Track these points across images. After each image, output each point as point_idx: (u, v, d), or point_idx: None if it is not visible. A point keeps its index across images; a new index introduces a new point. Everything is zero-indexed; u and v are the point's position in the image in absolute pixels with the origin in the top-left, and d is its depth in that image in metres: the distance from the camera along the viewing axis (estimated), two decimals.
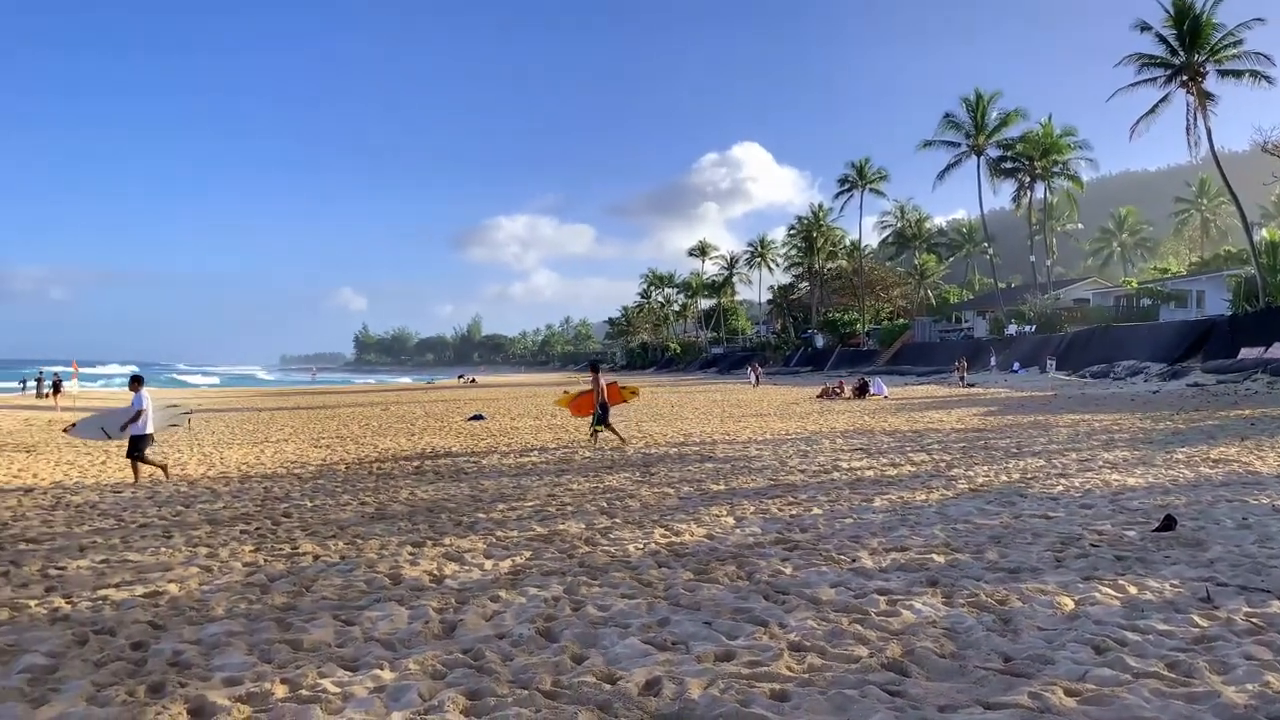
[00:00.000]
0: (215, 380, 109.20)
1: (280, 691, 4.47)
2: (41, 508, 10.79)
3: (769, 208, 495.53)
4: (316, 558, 7.75)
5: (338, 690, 4.45)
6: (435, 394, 54.79)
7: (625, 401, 20.08)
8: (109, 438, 14.90)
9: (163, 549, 8.21)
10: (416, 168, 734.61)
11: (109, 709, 4.27)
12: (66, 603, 6.34)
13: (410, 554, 7.79)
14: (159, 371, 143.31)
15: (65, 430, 16.91)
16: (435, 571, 7.11)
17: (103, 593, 6.60)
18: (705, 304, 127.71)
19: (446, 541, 8.32)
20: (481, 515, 9.76)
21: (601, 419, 17.62)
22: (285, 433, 23.53)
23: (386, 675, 4.66)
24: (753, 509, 9.71)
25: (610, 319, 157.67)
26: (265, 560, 7.68)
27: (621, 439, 18.01)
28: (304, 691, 4.46)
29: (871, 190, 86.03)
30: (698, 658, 4.81)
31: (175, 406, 18.30)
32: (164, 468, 13.73)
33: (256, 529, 9.19)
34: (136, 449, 13.22)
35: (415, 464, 15.23)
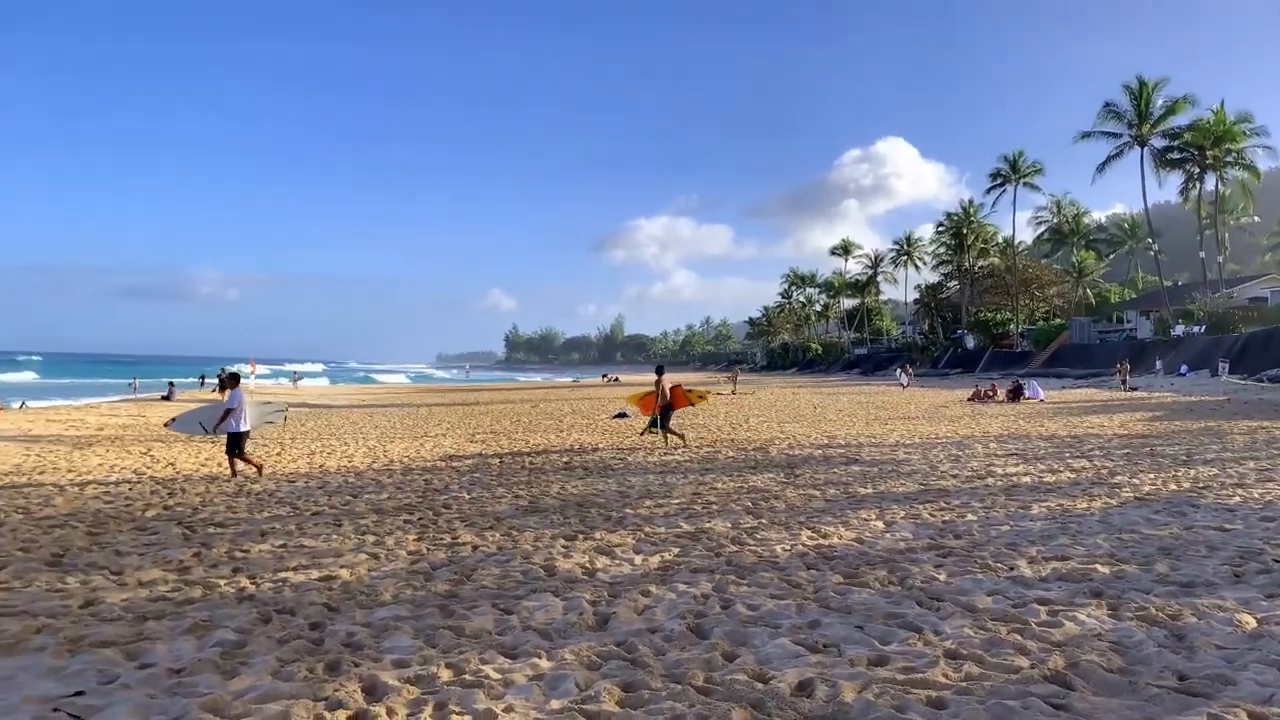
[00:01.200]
0: (402, 378, 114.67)
1: (445, 675, 4.70)
2: (226, 495, 11.67)
3: (913, 204, 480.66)
4: (475, 548, 8.10)
5: (499, 676, 4.65)
6: (581, 392, 55.87)
7: (691, 405, 20.23)
8: (206, 432, 15.37)
9: (334, 536, 8.75)
10: (560, 171, 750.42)
11: (292, 684, 4.59)
12: (251, 583, 6.84)
13: (563, 547, 8.03)
14: (339, 370, 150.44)
15: (166, 425, 17.71)
16: (587, 565, 7.30)
17: (282, 575, 7.09)
18: (848, 304, 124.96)
19: (597, 536, 8.52)
20: (629, 511, 9.93)
21: (660, 420, 18.03)
22: (443, 428, 24.52)
23: (544, 664, 4.83)
24: (903, 514, 9.51)
25: (750, 319, 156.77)
26: (428, 549, 8.07)
27: (681, 438, 18.31)
28: (467, 676, 4.68)
29: (1025, 184, 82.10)
30: (850, 661, 4.77)
31: (270, 404, 18.77)
32: (259, 467, 13.82)
33: (419, 519, 9.66)
34: (235, 445, 13.46)
35: (564, 459, 15.60)
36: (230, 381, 13.81)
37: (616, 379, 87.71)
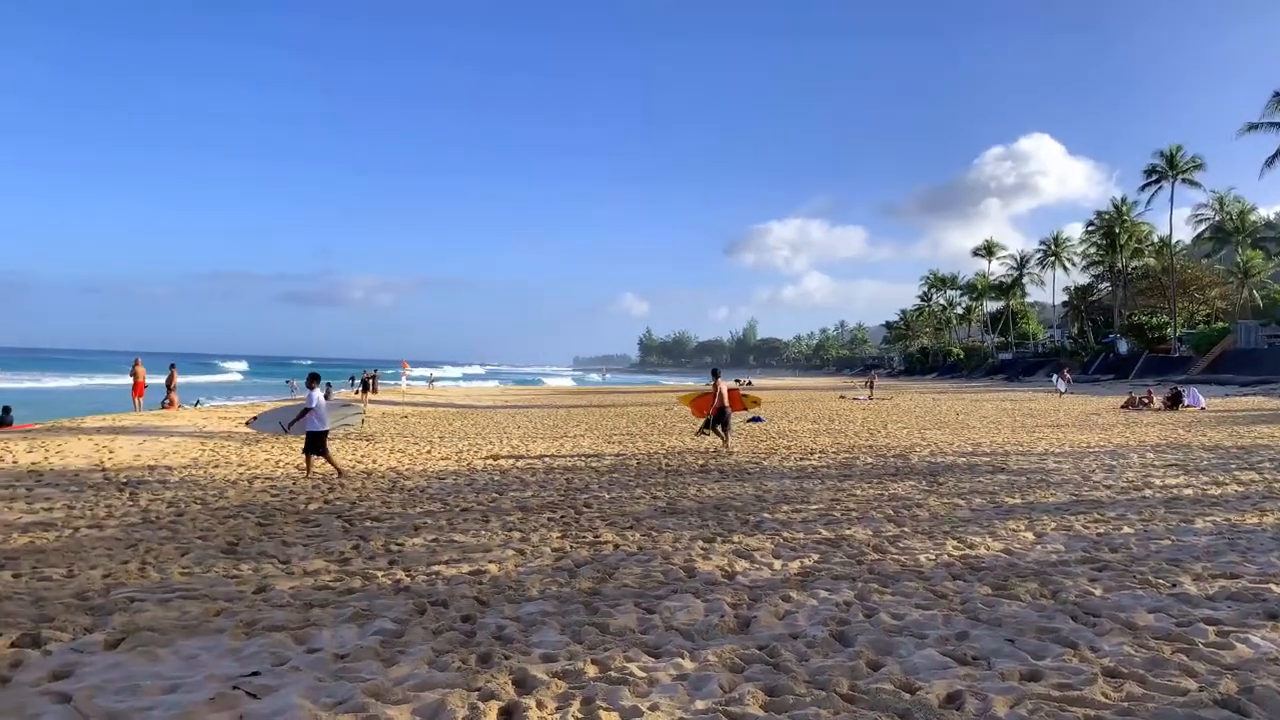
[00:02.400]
0: (568, 380, 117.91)
1: (591, 671, 4.82)
2: (381, 490, 12.27)
3: (1059, 203, 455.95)
4: (616, 547, 8.26)
5: (643, 675, 4.73)
6: None
7: (745, 409, 20.03)
8: (285, 431, 15.60)
9: (482, 531, 9.08)
10: (691, 175, 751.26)
11: (447, 674, 4.80)
12: (406, 575, 7.18)
13: (702, 549, 8.09)
14: (498, 373, 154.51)
15: (247, 423, 18.27)
16: (727, 567, 7.34)
17: (435, 568, 7.42)
18: (991, 307, 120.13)
19: (735, 539, 8.54)
20: (767, 515, 9.91)
21: (714, 422, 18.09)
22: (581, 429, 25.01)
23: (688, 664, 4.90)
24: (1054, 525, 9.15)
25: (887, 322, 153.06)
26: (571, 547, 8.29)
27: (725, 442, 18.27)
28: (613, 673, 4.79)
29: (1184, 181, 77.14)
30: (1001, 675, 4.64)
31: (349, 407, 18.95)
32: (340, 470, 13.80)
33: (562, 517, 9.92)
34: (313, 445, 13.62)
35: (700, 462, 15.67)
36: (310, 382, 14.00)
37: (750, 383, 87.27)
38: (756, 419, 28.28)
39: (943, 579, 6.87)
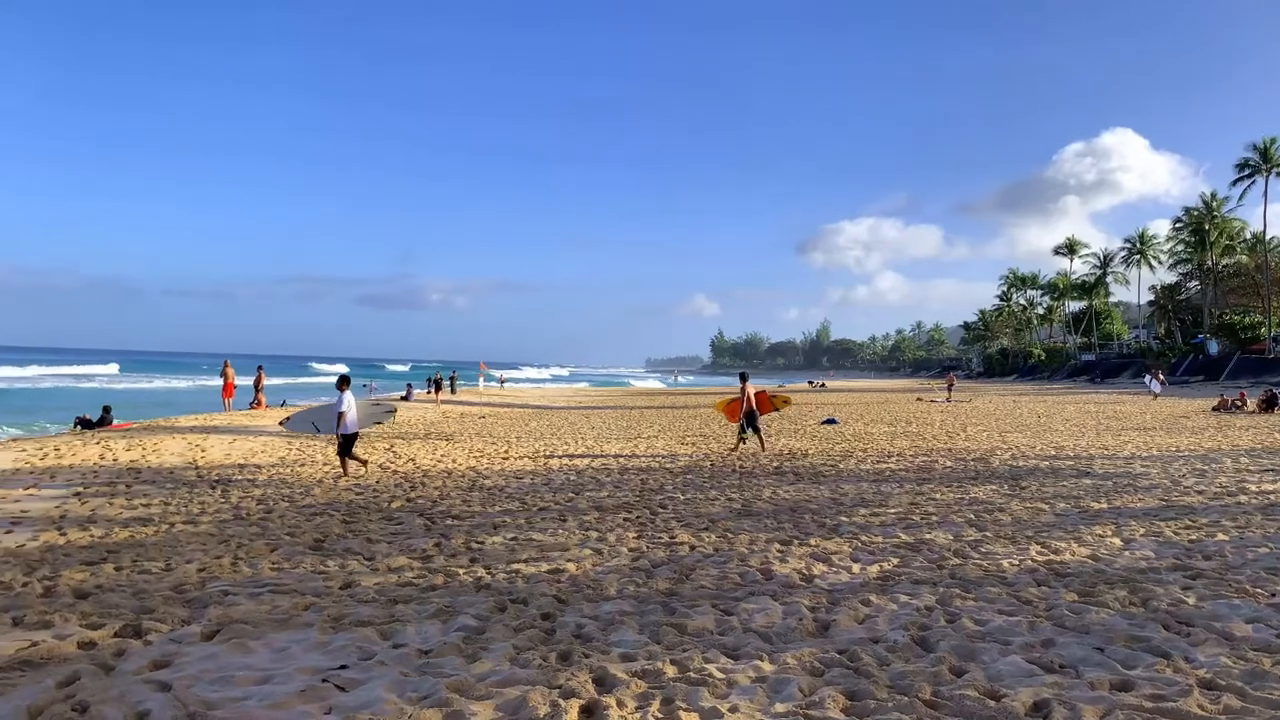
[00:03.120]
0: (654, 381, 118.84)
1: (670, 671, 4.84)
2: (461, 489, 12.50)
3: (1141, 200, 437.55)
4: (693, 548, 8.28)
5: (722, 676, 4.74)
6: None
7: (776, 410, 20.07)
8: (318, 432, 15.72)
9: (560, 531, 9.19)
10: (761, 176, 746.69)
11: (528, 671, 4.87)
12: (487, 573, 7.31)
13: (779, 551, 8.06)
14: (583, 375, 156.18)
15: (281, 423, 18.56)
16: (804, 570, 7.29)
17: (514, 566, 7.53)
18: (1074, 306, 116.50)
19: (812, 542, 8.48)
20: (844, 519, 9.81)
21: (749, 423, 18.17)
22: (654, 430, 25.09)
23: (766, 666, 4.89)
24: (1143, 530, 8.88)
25: (965, 323, 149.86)
26: (647, 547, 8.33)
27: (762, 445, 18.39)
28: (691, 674, 4.80)
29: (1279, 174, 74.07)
30: (1090, 684, 4.53)
31: (378, 406, 19.03)
32: (364, 462, 14.20)
33: (637, 518, 9.98)
34: (345, 446, 13.76)
35: (774, 464, 15.59)
36: (340, 385, 14.08)
37: (823, 385, 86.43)
38: (831, 420, 28.01)
39: (1027, 585, 6.73)
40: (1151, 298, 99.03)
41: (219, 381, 28.78)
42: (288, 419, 17.94)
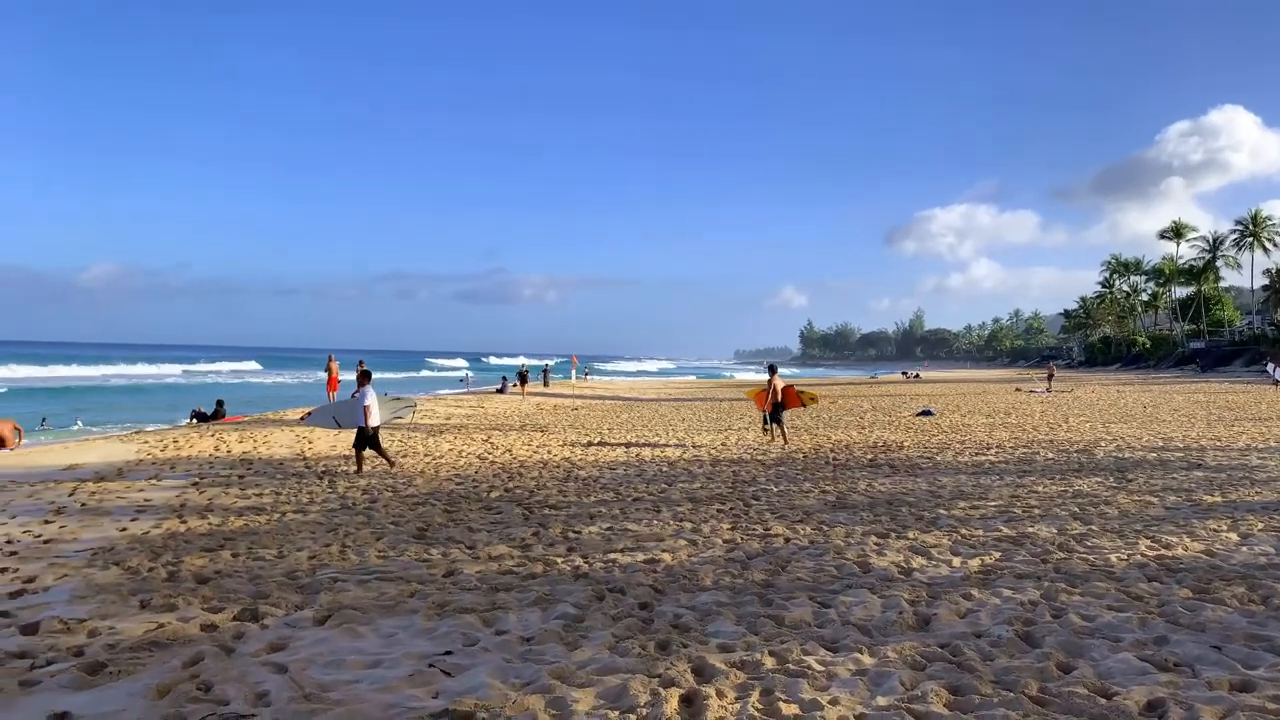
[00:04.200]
0: (750, 374, 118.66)
1: (769, 663, 4.85)
2: (556, 479, 12.70)
3: (1253, 180, 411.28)
4: (787, 540, 8.24)
5: (821, 668, 4.72)
6: (880, 388, 54.50)
7: (803, 405, 19.98)
8: (340, 427, 15.67)
9: (654, 521, 9.26)
10: (849, 164, 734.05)
11: (628, 659, 4.93)
12: (584, 562, 7.42)
13: (876, 544, 7.97)
14: (687, 368, 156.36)
15: (301, 418, 18.64)
16: (902, 564, 7.20)
17: (611, 556, 7.62)
18: (1180, 292, 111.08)
19: (910, 535, 8.36)
20: (943, 512, 9.64)
21: (773, 417, 18.26)
22: (744, 422, 24.98)
23: (866, 659, 4.85)
24: (1261, 525, 8.49)
25: (1065, 310, 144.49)
26: (742, 539, 8.33)
27: (785, 439, 18.26)
28: (790, 665, 4.79)
29: None
30: (1208, 684, 4.37)
31: (399, 400, 19.06)
32: (391, 461, 14.06)
33: (731, 509, 9.98)
34: (362, 440, 13.74)
35: (869, 456, 15.38)
36: (361, 380, 14.13)
37: (918, 375, 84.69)
38: (927, 412, 27.45)
39: (1136, 580, 6.51)
40: (1266, 282, 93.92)
41: (323, 376, 29.73)
42: (308, 414, 18.20)
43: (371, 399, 13.91)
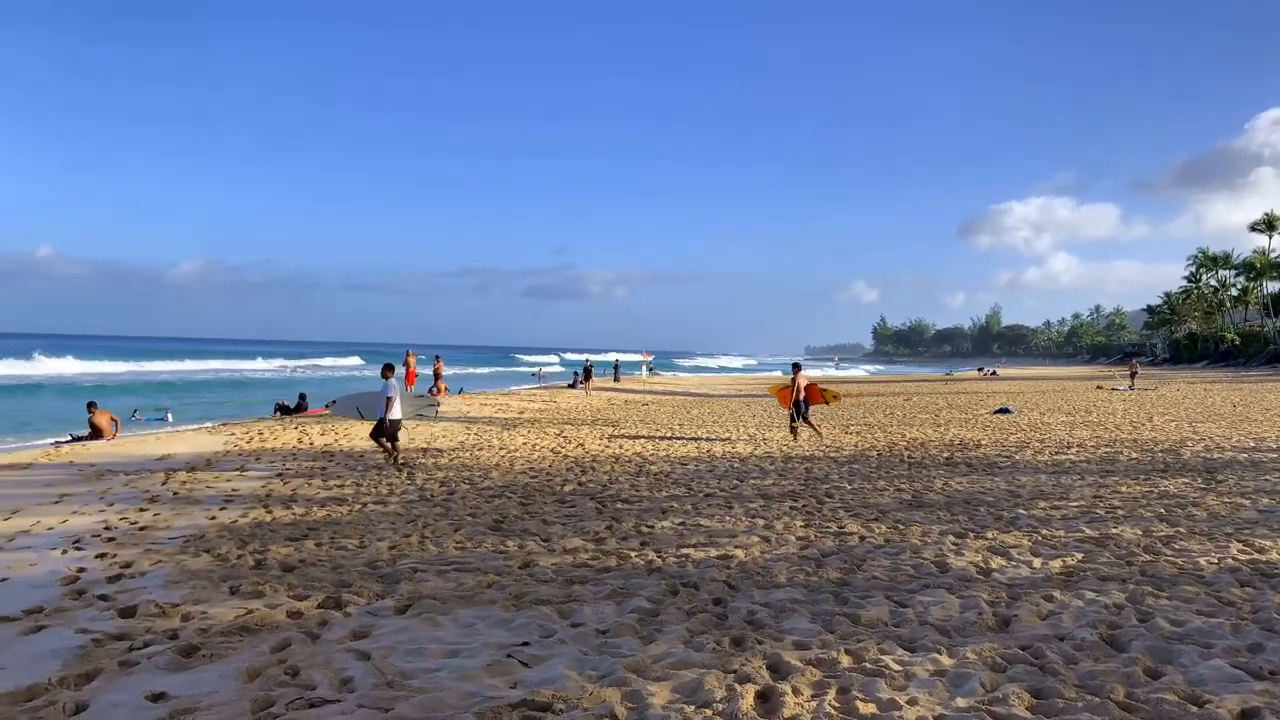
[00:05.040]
0: (830, 370, 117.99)
1: (845, 661, 4.81)
2: (628, 473, 12.78)
3: None
4: (862, 538, 8.17)
5: (899, 668, 4.67)
6: (955, 386, 53.46)
7: (825, 403, 20.36)
8: (362, 417, 15.72)
9: (727, 517, 9.26)
10: (917, 157, 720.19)
11: (703, 654, 4.95)
12: (658, 557, 7.46)
13: (953, 544, 7.84)
14: (768, 364, 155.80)
15: (326, 407, 19.06)
16: (981, 564, 7.08)
17: (684, 551, 7.65)
18: (1273, 287, 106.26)
19: (989, 535, 8.21)
20: (1022, 511, 9.45)
21: (797, 414, 18.34)
22: (817, 418, 24.71)
23: (945, 660, 4.79)
24: None
25: (1149, 306, 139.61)
26: (815, 536, 8.28)
27: (819, 434, 18.50)
28: (867, 664, 4.75)
29: None
30: None
31: (423, 398, 19.13)
32: (399, 454, 14.05)
33: (803, 506, 9.93)
34: (381, 430, 13.82)
35: (945, 454, 15.13)
36: (384, 372, 14.28)
37: (994, 373, 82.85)
38: (1005, 410, 26.87)
39: (1228, 585, 6.30)
40: None
41: (400, 370, 30.39)
42: (333, 403, 18.37)
43: (394, 392, 13.99)
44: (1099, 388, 45.16)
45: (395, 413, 13.89)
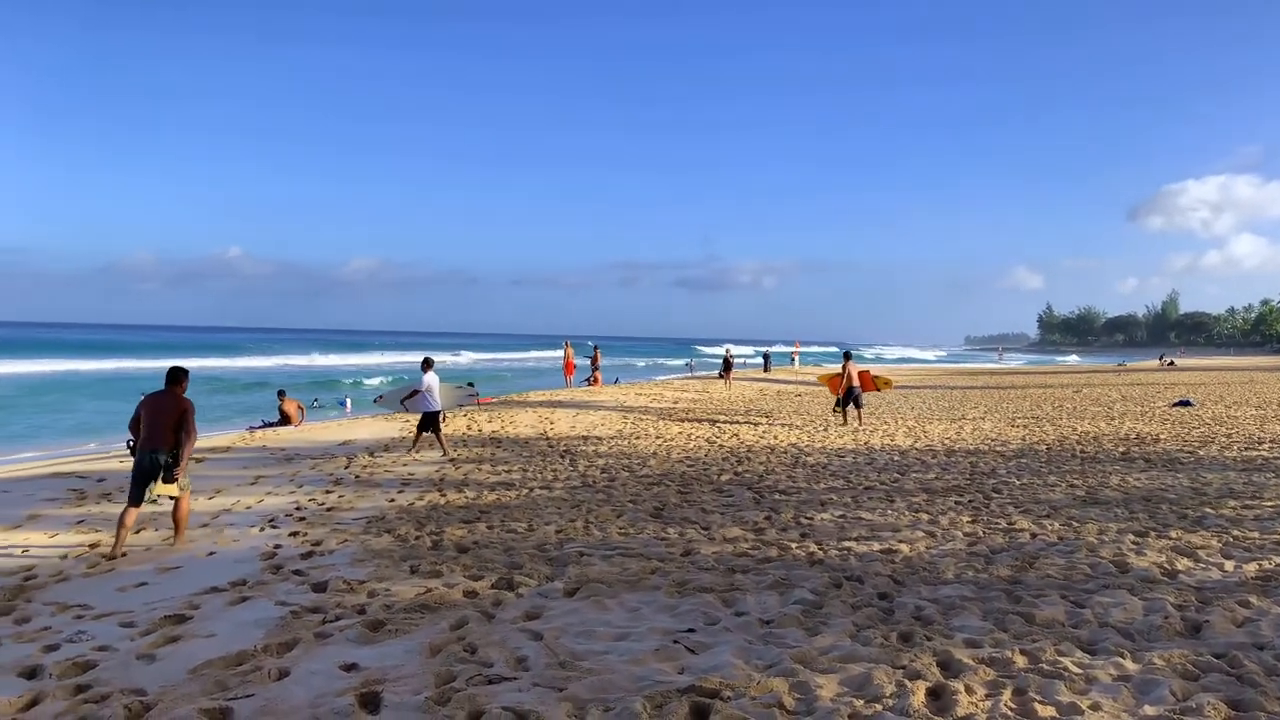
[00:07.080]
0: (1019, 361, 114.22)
1: (1020, 661, 4.66)
2: (784, 464, 12.73)
3: None
4: (1034, 535, 7.88)
5: (1079, 671, 4.49)
6: (1129, 377, 50.28)
7: (877, 390, 20.97)
8: (406, 411, 16.02)
9: (889, 511, 9.11)
10: (1079, 134, 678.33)
11: (870, 648, 4.90)
12: (819, 549, 7.42)
13: (1134, 543, 7.46)
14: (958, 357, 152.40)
15: (375, 400, 19.65)
16: (1165, 565, 6.71)
17: (846, 544, 7.58)
18: None
19: (1172, 535, 7.77)
20: (1209, 510, 8.88)
21: (846, 400, 19.23)
22: (980, 410, 23.92)
23: (1129, 665, 4.58)
24: None
25: None
26: (983, 532, 8.04)
27: (860, 420, 19.45)
28: (1044, 665, 4.58)
29: None
30: None
31: (462, 389, 19.05)
32: (444, 449, 14.11)
33: (970, 501, 9.64)
34: (426, 423, 14.16)
35: (1121, 449, 14.35)
36: (424, 366, 14.51)
37: (1172, 363, 77.57)
38: (1185, 402, 25.17)
39: None
40: None
41: (560, 359, 31.23)
42: (381, 397, 19.01)
43: (434, 384, 14.23)
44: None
45: (434, 405, 14.19)
